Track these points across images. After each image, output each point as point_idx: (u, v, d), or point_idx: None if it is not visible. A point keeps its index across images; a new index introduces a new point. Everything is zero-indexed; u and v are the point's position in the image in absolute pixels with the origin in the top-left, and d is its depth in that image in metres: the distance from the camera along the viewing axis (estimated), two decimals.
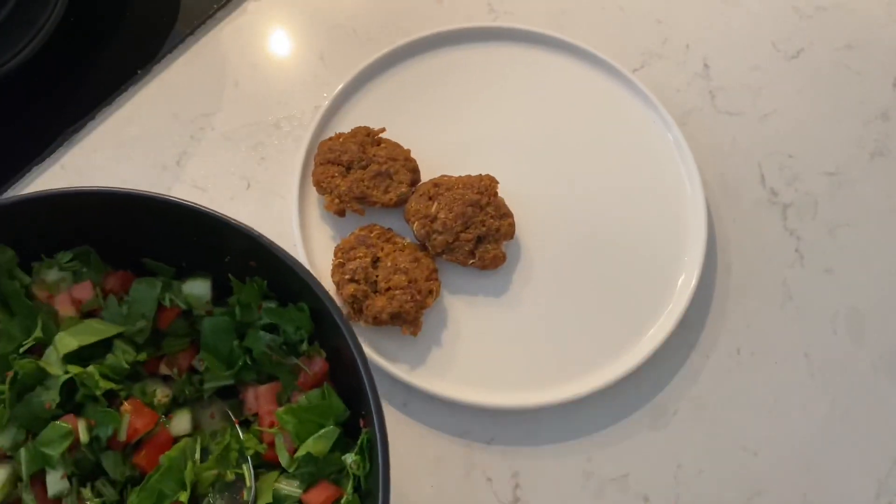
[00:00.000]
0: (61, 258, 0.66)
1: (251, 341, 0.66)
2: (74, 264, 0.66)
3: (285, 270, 0.61)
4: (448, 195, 0.76)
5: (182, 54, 0.88)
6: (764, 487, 0.74)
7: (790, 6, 0.95)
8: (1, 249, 0.63)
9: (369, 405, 0.56)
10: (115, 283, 0.67)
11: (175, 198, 0.62)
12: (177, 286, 0.67)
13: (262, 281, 0.66)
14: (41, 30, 0.78)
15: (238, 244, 0.62)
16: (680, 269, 0.79)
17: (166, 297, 0.66)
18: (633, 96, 0.86)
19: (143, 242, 0.66)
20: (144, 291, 0.66)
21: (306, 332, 0.65)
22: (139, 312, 0.66)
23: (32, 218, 0.62)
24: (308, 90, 0.87)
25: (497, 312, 0.77)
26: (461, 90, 0.86)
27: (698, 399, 0.77)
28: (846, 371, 0.78)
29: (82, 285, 0.66)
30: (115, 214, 0.63)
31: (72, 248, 0.66)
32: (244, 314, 0.66)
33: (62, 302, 0.65)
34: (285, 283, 0.63)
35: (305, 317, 0.64)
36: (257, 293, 0.66)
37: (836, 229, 0.84)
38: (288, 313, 0.65)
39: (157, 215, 0.63)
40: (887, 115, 0.89)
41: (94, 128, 0.84)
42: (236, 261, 0.65)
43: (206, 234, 0.63)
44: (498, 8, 0.92)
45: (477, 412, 0.74)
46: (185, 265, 0.68)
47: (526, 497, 0.73)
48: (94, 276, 0.66)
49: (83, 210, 0.63)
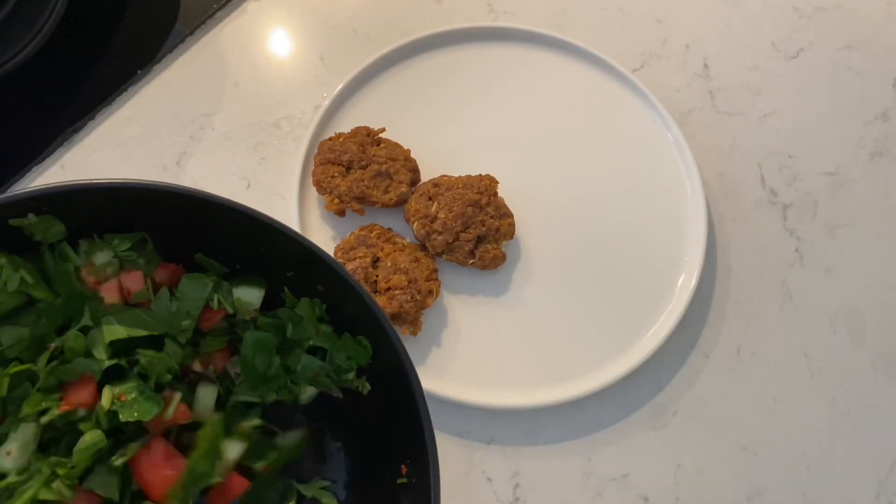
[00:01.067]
0: (118, 245, 0.61)
1: (293, 361, 0.64)
2: (130, 253, 0.61)
3: (353, 302, 0.58)
4: (448, 195, 0.76)
5: (182, 54, 0.88)
6: (764, 487, 0.74)
7: (790, 6, 0.95)
8: (50, 223, 0.58)
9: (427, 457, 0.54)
10: (164, 275, 0.63)
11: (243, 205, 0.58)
12: (227, 288, 0.63)
13: (322, 304, 0.63)
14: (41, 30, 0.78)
15: (310, 268, 0.59)
16: (680, 269, 0.79)
17: (215, 298, 0.62)
18: (633, 96, 0.86)
19: (197, 238, 0.62)
20: (194, 289, 0.62)
21: (356, 365, 0.63)
22: (185, 310, 0.62)
23: (89, 204, 0.58)
24: (308, 90, 0.87)
25: (497, 312, 0.77)
26: (461, 90, 0.86)
27: (698, 399, 0.77)
28: (846, 371, 0.78)
29: (133, 274, 0.61)
30: (172, 210, 0.59)
31: (125, 232, 0.62)
32: (296, 332, 0.63)
33: (109, 289, 0.61)
34: (343, 312, 0.61)
35: (365, 352, 0.62)
36: (314, 315, 0.63)
37: (836, 229, 0.84)
38: (343, 343, 0.63)
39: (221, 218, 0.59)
40: (887, 115, 0.89)
41: (94, 128, 0.84)
42: (302, 280, 0.62)
43: (271, 245, 0.60)
44: (498, 8, 0.92)
45: (477, 412, 0.74)
46: (240, 267, 0.64)
47: (526, 497, 0.73)
48: (146, 267, 0.62)
49: (139, 202, 0.59)
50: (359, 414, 0.65)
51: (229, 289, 0.63)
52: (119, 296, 0.61)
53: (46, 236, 0.59)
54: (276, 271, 0.62)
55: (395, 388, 0.59)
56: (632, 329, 0.77)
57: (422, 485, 0.55)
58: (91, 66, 0.87)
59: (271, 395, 0.64)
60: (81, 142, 0.83)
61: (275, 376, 0.64)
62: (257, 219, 0.58)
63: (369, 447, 0.65)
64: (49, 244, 0.60)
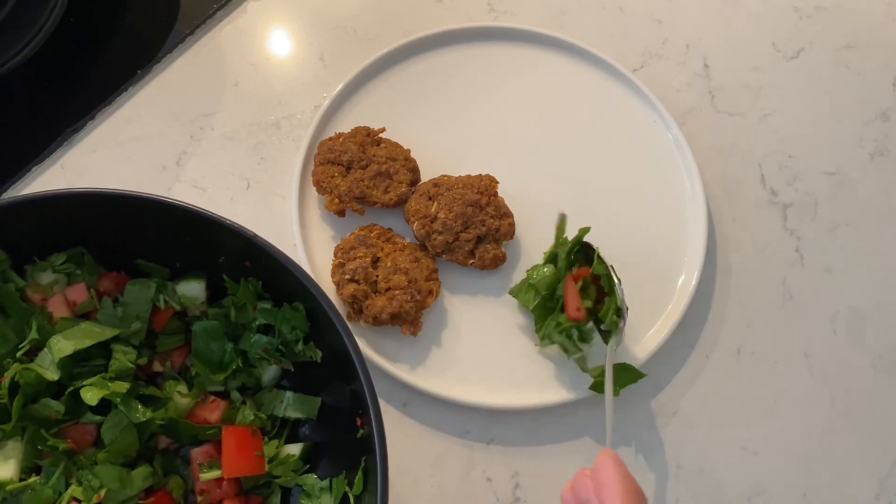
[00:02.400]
0: (55, 260, 0.65)
1: (246, 343, 0.66)
2: (68, 266, 0.66)
3: (280, 270, 0.61)
4: (448, 195, 0.76)
5: (182, 54, 0.88)
6: (764, 487, 0.74)
7: (790, 6, 0.95)
8: None
9: (366, 401, 0.56)
10: (109, 284, 0.67)
11: (166, 198, 0.61)
12: (171, 287, 0.67)
13: (257, 282, 0.65)
14: (41, 30, 0.78)
15: (232, 244, 0.62)
16: (680, 269, 0.79)
17: (161, 299, 0.66)
18: (633, 96, 0.86)
19: (136, 243, 0.66)
20: (139, 293, 0.66)
21: (302, 332, 0.64)
22: (133, 314, 0.65)
23: (24, 219, 0.62)
24: (308, 90, 0.87)
25: (497, 312, 0.77)
26: (461, 90, 0.86)
27: (698, 399, 0.77)
28: (846, 371, 0.78)
29: (76, 287, 0.66)
30: (107, 215, 0.63)
31: (65, 249, 0.66)
32: (239, 315, 0.66)
33: (56, 304, 0.65)
34: (280, 282, 0.63)
35: (301, 316, 0.64)
36: (252, 294, 0.66)
37: (836, 229, 0.84)
38: (283, 313, 0.65)
39: (150, 215, 0.62)
40: (887, 115, 0.89)
41: (94, 128, 0.84)
42: (231, 261, 0.65)
43: (199, 234, 0.63)
44: (498, 8, 0.92)
45: (477, 412, 0.74)
46: (180, 266, 0.68)
47: (526, 497, 0.73)
48: (88, 278, 0.66)
49: (75, 211, 0.62)
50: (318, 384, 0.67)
51: (173, 288, 0.67)
52: (66, 309, 0.65)
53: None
54: (210, 260, 0.65)
55: (333, 344, 0.61)
56: (632, 329, 0.77)
57: (371, 436, 0.56)
58: (91, 66, 0.87)
59: (232, 381, 0.68)
60: (81, 142, 0.83)
61: (230, 361, 0.66)
62: (161, 202, 0.61)
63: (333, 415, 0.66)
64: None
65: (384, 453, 0.54)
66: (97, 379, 0.62)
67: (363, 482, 0.59)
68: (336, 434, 0.66)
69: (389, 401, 0.74)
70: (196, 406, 0.66)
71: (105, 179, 0.81)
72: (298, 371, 0.68)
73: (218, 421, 0.66)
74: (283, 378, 0.70)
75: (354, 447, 0.60)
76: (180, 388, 0.66)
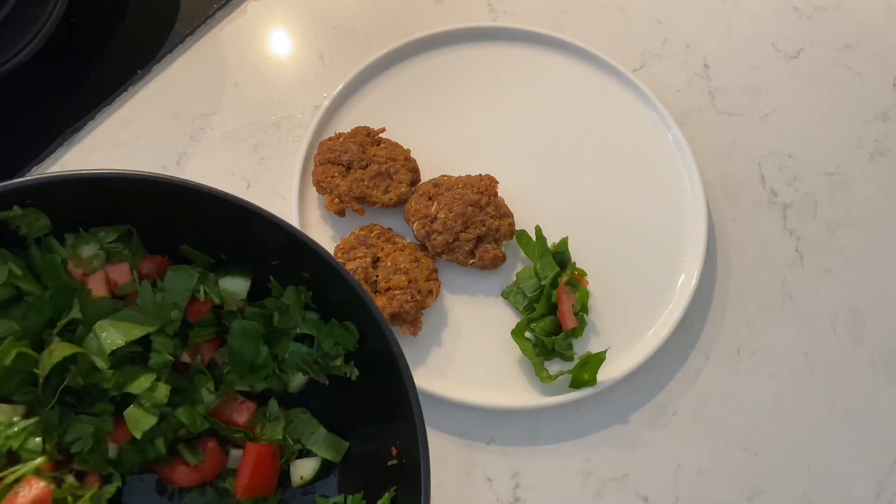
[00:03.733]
0: (104, 237, 0.62)
1: (282, 349, 0.65)
2: (116, 245, 0.62)
3: (339, 288, 0.59)
4: (448, 195, 0.76)
5: (182, 54, 0.88)
6: (764, 487, 0.74)
7: (790, 6, 0.95)
8: (36, 216, 0.59)
9: (417, 441, 0.55)
10: (150, 267, 0.64)
11: (226, 192, 0.58)
12: (213, 279, 0.64)
13: (308, 292, 0.63)
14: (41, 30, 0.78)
15: (296, 255, 0.60)
16: (680, 269, 0.79)
17: (201, 290, 0.63)
18: (633, 96, 0.86)
19: (182, 229, 0.63)
20: (180, 281, 0.63)
21: (345, 350, 0.63)
22: (172, 302, 0.62)
23: (73, 196, 0.59)
24: (308, 90, 0.87)
25: (497, 312, 0.77)
26: (461, 90, 0.86)
27: (698, 399, 0.77)
28: (846, 371, 0.78)
29: (119, 266, 0.62)
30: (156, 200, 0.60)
31: (110, 225, 0.62)
32: (283, 320, 0.64)
33: (96, 281, 0.62)
34: (329, 298, 0.62)
35: (352, 337, 0.62)
36: (301, 302, 0.64)
37: (836, 229, 0.84)
38: (330, 328, 0.63)
39: (206, 208, 0.59)
40: (887, 115, 0.89)
41: (94, 128, 0.84)
42: (285, 266, 0.63)
43: (255, 234, 0.60)
44: (498, 8, 0.92)
45: (477, 412, 0.74)
46: (225, 258, 0.65)
47: (526, 497, 0.73)
48: (132, 259, 0.63)
49: (123, 193, 0.59)
50: (347, 399, 0.65)
51: (215, 280, 0.64)
52: (106, 288, 0.62)
53: (32, 230, 0.59)
54: (261, 260, 0.63)
55: (383, 371, 0.59)
56: (632, 329, 0.77)
57: (412, 466, 0.55)
58: (91, 66, 0.87)
59: (260, 383, 0.66)
60: (81, 142, 0.83)
61: (263, 365, 0.65)
62: (241, 206, 0.58)
63: (358, 431, 0.65)
64: (35, 238, 0.60)
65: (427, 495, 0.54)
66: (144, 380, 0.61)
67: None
68: (358, 451, 0.65)
69: None
70: (223, 404, 0.65)
71: None
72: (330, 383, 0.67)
73: (245, 424, 0.65)
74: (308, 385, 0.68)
75: (380, 471, 0.59)
76: (209, 384, 0.64)
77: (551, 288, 0.73)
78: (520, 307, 0.76)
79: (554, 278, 0.73)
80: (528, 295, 0.75)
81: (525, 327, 0.74)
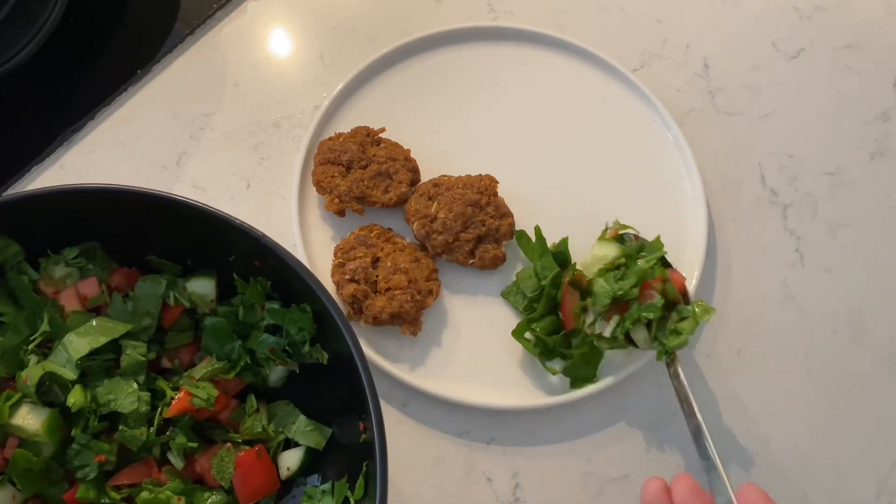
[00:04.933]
0: (67, 254, 0.66)
1: (254, 343, 0.67)
2: (80, 260, 0.66)
3: (288, 271, 0.61)
4: (448, 195, 0.76)
5: (182, 54, 0.88)
6: (764, 487, 0.74)
7: (790, 6, 0.95)
8: (6, 244, 0.63)
9: (368, 408, 0.56)
10: (120, 280, 0.67)
11: (180, 196, 0.62)
12: (181, 284, 0.67)
13: (266, 281, 0.66)
14: (41, 30, 0.78)
15: (242, 244, 0.62)
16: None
17: (171, 295, 0.67)
18: (633, 96, 0.86)
19: (148, 240, 0.66)
20: (149, 289, 0.66)
21: (308, 334, 0.64)
22: (144, 310, 0.66)
23: (38, 214, 0.62)
24: (308, 90, 0.87)
25: (497, 312, 0.77)
26: (461, 90, 0.86)
27: (698, 399, 0.76)
28: (846, 371, 0.78)
29: (88, 281, 0.66)
30: (120, 212, 0.63)
31: (78, 244, 0.66)
32: (247, 314, 0.66)
33: (68, 297, 0.65)
34: (288, 283, 0.63)
35: (308, 318, 0.64)
36: (260, 293, 0.66)
37: (836, 229, 0.84)
38: (291, 314, 0.65)
39: (163, 213, 0.63)
40: (887, 115, 0.89)
41: (94, 128, 0.84)
42: (241, 260, 0.65)
43: (210, 232, 0.63)
44: (498, 8, 0.92)
45: (477, 412, 0.74)
46: (191, 264, 0.68)
47: (526, 497, 0.73)
48: (100, 273, 0.67)
49: (89, 207, 0.63)
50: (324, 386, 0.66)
51: (183, 285, 0.67)
52: (78, 302, 0.66)
53: (5, 258, 0.64)
54: (221, 258, 0.66)
55: (337, 346, 0.61)
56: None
57: (371, 441, 0.56)
58: (91, 66, 0.87)
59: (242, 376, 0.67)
60: (81, 142, 0.83)
61: (237, 359, 0.67)
62: (175, 200, 0.61)
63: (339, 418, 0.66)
64: (11, 265, 0.64)
65: (384, 460, 0.54)
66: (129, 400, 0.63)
67: (364, 487, 0.59)
68: (340, 437, 0.66)
69: (389, 401, 0.74)
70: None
71: (105, 179, 0.81)
72: (304, 373, 0.68)
73: (226, 421, 0.67)
74: (289, 378, 0.69)
75: (357, 451, 0.60)
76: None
77: (551, 288, 0.73)
78: (519, 307, 0.76)
79: (554, 278, 0.73)
80: (528, 295, 0.75)
81: (525, 328, 0.74)
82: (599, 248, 0.74)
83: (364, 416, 0.58)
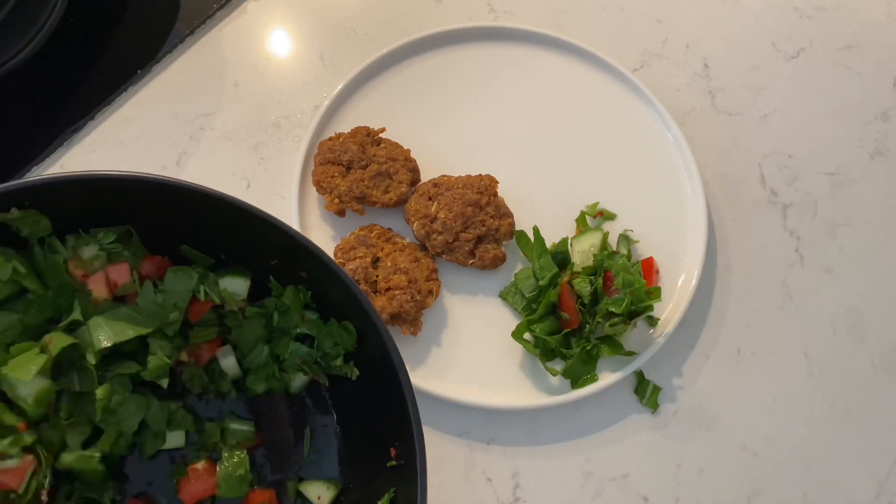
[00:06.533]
0: (103, 237, 0.62)
1: (282, 349, 0.65)
2: (115, 245, 0.62)
3: (337, 288, 0.59)
4: (448, 195, 0.76)
5: (182, 54, 0.88)
6: (764, 487, 0.74)
7: (790, 6, 0.95)
8: (36, 218, 0.59)
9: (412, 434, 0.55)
10: (151, 267, 0.64)
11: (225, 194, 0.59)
12: (213, 279, 0.64)
13: (307, 291, 0.64)
14: (41, 30, 0.78)
15: (290, 253, 0.60)
16: (680, 269, 0.79)
17: (201, 290, 0.63)
18: (633, 96, 0.86)
19: (182, 230, 0.63)
20: (180, 282, 0.63)
21: (344, 350, 0.63)
22: (172, 302, 0.62)
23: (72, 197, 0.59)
24: (308, 90, 0.87)
25: (497, 312, 0.77)
26: (461, 90, 0.86)
27: (698, 399, 0.77)
28: (846, 371, 0.78)
29: (119, 267, 0.62)
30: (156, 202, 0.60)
31: (111, 226, 0.62)
32: (282, 320, 0.64)
33: (97, 282, 0.62)
34: (328, 296, 0.62)
35: (350, 336, 0.62)
36: (300, 302, 0.64)
37: (836, 229, 0.84)
38: (329, 328, 0.63)
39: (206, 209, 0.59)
40: (887, 115, 0.89)
41: (94, 128, 0.84)
42: (283, 266, 0.63)
43: (255, 235, 0.60)
44: (498, 8, 0.92)
45: (477, 412, 0.74)
46: (224, 258, 0.65)
47: (526, 497, 0.73)
48: (133, 260, 0.63)
49: (123, 194, 0.59)
50: (347, 399, 0.66)
51: (215, 280, 0.64)
52: (106, 289, 0.62)
53: (33, 231, 0.60)
54: (261, 260, 0.63)
55: (381, 371, 0.59)
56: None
57: (410, 467, 0.55)
58: (91, 66, 0.87)
59: (261, 384, 0.66)
60: (81, 142, 0.83)
61: (264, 365, 0.65)
62: (240, 207, 0.59)
63: (357, 432, 0.65)
64: (37, 239, 0.61)
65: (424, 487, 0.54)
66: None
67: None
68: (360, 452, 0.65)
69: None
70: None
71: None
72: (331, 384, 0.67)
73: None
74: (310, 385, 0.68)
75: (378, 472, 0.60)
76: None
77: (550, 288, 0.73)
78: (518, 308, 0.76)
79: (552, 279, 0.73)
80: (527, 295, 0.75)
81: (525, 329, 0.74)
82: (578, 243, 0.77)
83: (399, 443, 0.57)
